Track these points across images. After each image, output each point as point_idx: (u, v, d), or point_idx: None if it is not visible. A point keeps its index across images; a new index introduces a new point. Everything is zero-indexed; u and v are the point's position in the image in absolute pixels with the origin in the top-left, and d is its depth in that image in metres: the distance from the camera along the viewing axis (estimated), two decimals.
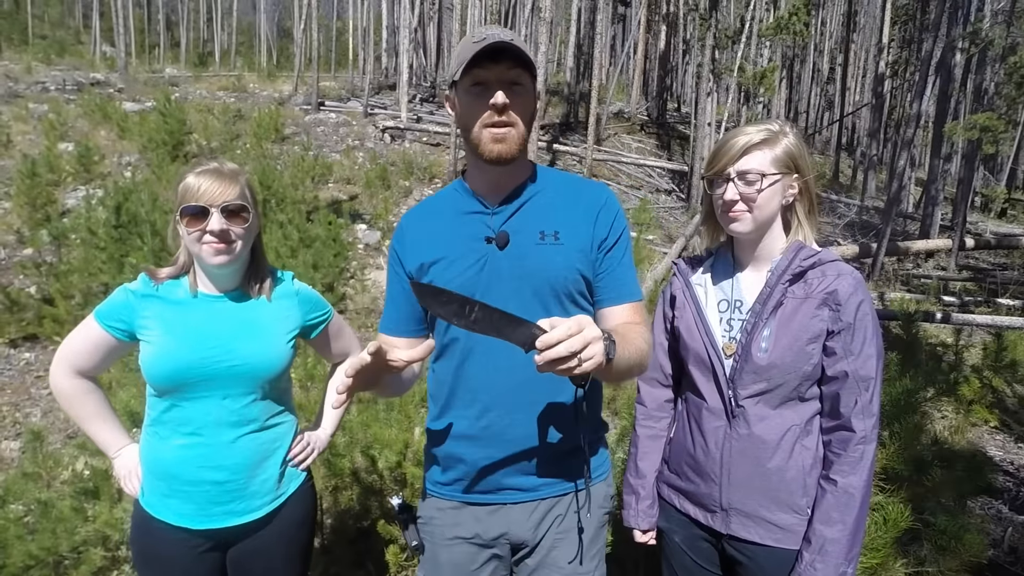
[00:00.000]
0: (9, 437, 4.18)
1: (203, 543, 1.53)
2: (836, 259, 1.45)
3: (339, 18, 37.95)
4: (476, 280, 1.32)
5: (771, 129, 1.45)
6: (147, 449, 1.55)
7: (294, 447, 1.64)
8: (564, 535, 1.41)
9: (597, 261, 1.36)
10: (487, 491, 1.39)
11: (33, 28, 32.91)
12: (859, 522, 1.38)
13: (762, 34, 14.14)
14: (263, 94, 17.33)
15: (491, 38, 1.23)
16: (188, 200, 1.45)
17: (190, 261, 1.55)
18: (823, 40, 27.85)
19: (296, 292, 1.66)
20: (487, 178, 1.37)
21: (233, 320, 1.53)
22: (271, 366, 1.54)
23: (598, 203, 1.38)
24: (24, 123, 11.50)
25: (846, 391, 1.39)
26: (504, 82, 1.26)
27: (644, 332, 1.34)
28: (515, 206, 1.37)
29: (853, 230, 13.92)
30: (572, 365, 1.00)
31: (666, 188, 14.58)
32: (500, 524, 1.39)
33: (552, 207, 1.38)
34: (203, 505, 1.51)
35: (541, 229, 1.34)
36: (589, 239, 1.35)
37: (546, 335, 0.99)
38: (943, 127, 12.29)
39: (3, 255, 6.92)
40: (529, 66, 1.27)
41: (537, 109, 1.38)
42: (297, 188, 8.82)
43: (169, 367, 1.46)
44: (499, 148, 1.28)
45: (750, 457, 1.44)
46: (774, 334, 1.41)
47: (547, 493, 1.39)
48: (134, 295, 1.52)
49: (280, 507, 1.60)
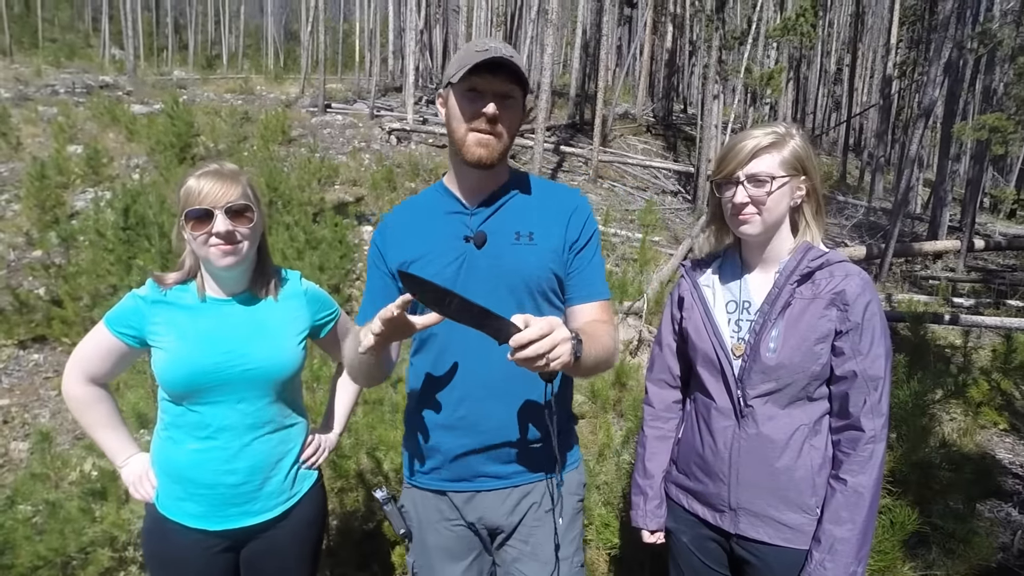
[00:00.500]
0: (18, 438, 4.21)
1: (218, 543, 1.54)
2: (844, 260, 1.45)
3: (346, 20, 38.12)
4: (455, 277, 1.40)
5: (778, 132, 1.46)
6: (161, 453, 1.56)
7: (306, 448, 1.66)
8: (540, 522, 1.47)
9: (568, 261, 1.45)
10: (463, 479, 1.46)
11: (43, 31, 33.19)
12: (869, 522, 1.38)
13: (769, 35, 14.10)
14: (270, 96, 17.42)
15: (494, 51, 1.30)
16: (191, 203, 1.45)
17: (196, 265, 1.55)
18: (831, 41, 27.73)
19: (304, 291, 1.66)
20: (468, 180, 1.45)
21: (244, 324, 1.54)
22: (284, 368, 1.55)
23: (570, 207, 1.48)
24: (34, 126, 11.60)
25: (855, 391, 1.39)
26: (498, 94, 1.34)
27: (611, 330, 1.42)
28: (493, 208, 1.45)
29: (861, 231, 13.84)
30: (541, 364, 1.11)
31: (672, 190, 14.55)
32: (476, 510, 1.47)
33: (527, 209, 1.46)
34: (219, 506, 1.52)
35: (517, 230, 1.42)
36: (561, 240, 1.44)
37: (518, 335, 1.09)
38: (952, 128, 12.22)
39: (13, 257, 6.97)
40: (523, 82, 1.36)
41: (523, 121, 1.46)
42: (303, 190, 8.85)
43: (184, 373, 1.47)
44: (481, 152, 1.36)
45: (759, 457, 1.44)
46: (782, 334, 1.42)
47: (520, 481, 1.46)
48: (144, 301, 1.52)
49: (293, 507, 1.61)
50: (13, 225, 7.73)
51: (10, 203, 8.45)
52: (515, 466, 1.46)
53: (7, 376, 4.96)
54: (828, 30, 26.69)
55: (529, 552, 1.46)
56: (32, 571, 2.24)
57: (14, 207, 8.29)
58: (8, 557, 2.21)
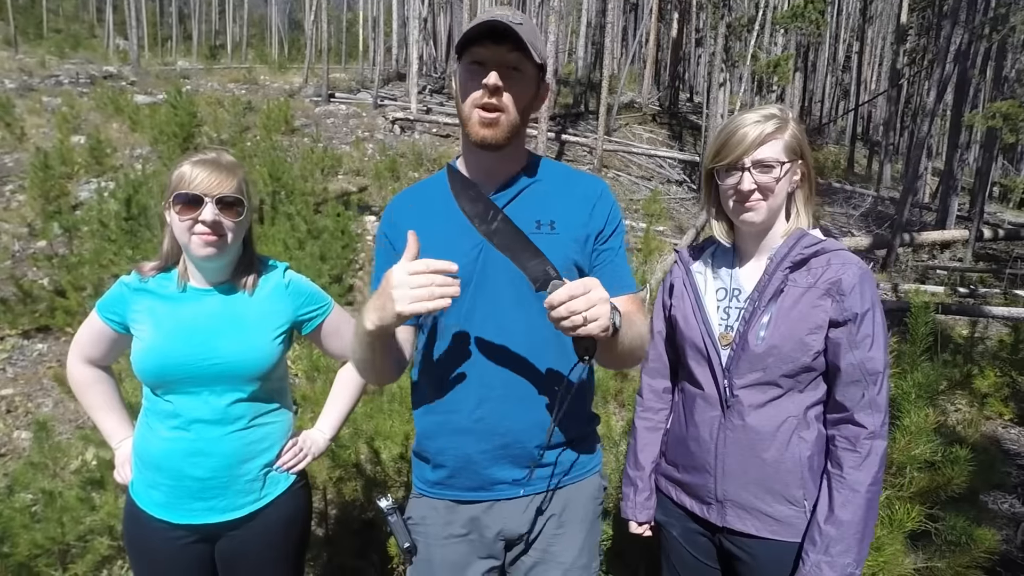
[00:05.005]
0: (21, 427, 4.24)
1: (186, 535, 1.52)
2: (841, 248, 1.41)
3: (350, 10, 37.90)
4: (472, 268, 1.29)
5: (777, 116, 1.41)
6: (139, 438, 1.56)
7: (285, 451, 1.60)
8: (561, 530, 1.38)
9: (594, 252, 1.35)
10: (480, 487, 1.36)
11: (48, 22, 33.21)
12: (867, 521, 1.33)
13: (776, 22, 13.92)
14: (274, 86, 17.35)
15: (497, 18, 1.19)
16: (182, 188, 1.42)
17: (175, 252, 1.53)
18: (839, 28, 27.38)
19: (287, 284, 1.60)
20: (480, 164, 1.35)
21: (219, 316, 1.51)
22: (255, 364, 1.50)
23: (594, 194, 1.37)
24: (38, 116, 11.60)
25: (852, 385, 1.35)
26: (502, 64, 1.22)
27: (645, 320, 1.33)
28: (510, 194, 1.34)
29: (868, 221, 13.72)
30: (577, 323, 1.02)
31: (677, 179, 14.44)
32: (495, 521, 1.37)
33: (548, 196, 1.35)
34: (183, 499, 1.50)
35: (537, 218, 1.31)
36: (585, 230, 1.34)
37: (558, 292, 1.03)
38: (962, 116, 12.06)
39: (17, 247, 6.99)
40: (532, 52, 1.22)
41: (538, 98, 1.33)
42: (307, 180, 8.83)
43: (153, 363, 1.46)
44: (485, 132, 1.25)
45: (745, 447, 1.41)
46: (773, 322, 1.38)
47: (540, 488, 1.37)
48: (128, 288, 1.53)
49: (263, 508, 1.56)
50: (18, 215, 7.75)
51: (15, 193, 8.47)
52: (537, 471, 1.35)
53: (11, 366, 4.98)
54: (836, 17, 26.35)
55: (547, 560, 1.38)
56: (30, 560, 2.25)
57: (19, 197, 8.31)
58: (6, 546, 2.22)
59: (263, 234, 6.30)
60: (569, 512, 1.39)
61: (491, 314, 1.30)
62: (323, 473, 2.71)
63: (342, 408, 1.74)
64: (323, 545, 2.71)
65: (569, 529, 1.39)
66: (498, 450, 1.32)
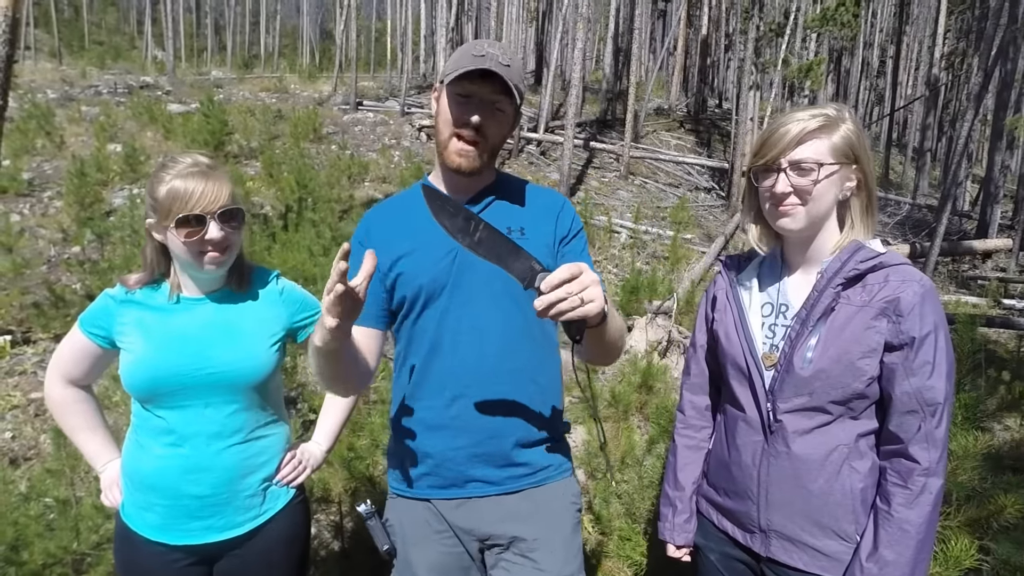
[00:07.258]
0: (48, 431, 4.29)
1: (182, 558, 1.46)
2: (903, 263, 1.27)
3: (379, 19, 38.47)
4: (448, 271, 1.36)
5: (828, 114, 1.29)
6: (128, 458, 1.50)
7: (284, 465, 1.56)
8: (539, 533, 1.37)
9: (559, 255, 1.44)
10: (454, 484, 1.39)
11: (90, 34, 34.38)
12: (916, 564, 1.21)
13: (807, 26, 13.64)
14: (303, 95, 17.62)
15: (490, 59, 1.29)
16: (181, 209, 1.36)
17: (163, 264, 1.48)
18: (873, 32, 26.80)
19: (280, 291, 1.56)
20: (451, 182, 1.43)
21: (213, 325, 1.46)
22: (253, 373, 1.45)
23: (556, 205, 1.48)
24: (77, 125, 11.94)
25: (908, 415, 1.22)
26: (486, 102, 1.32)
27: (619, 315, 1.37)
28: (482, 204, 1.44)
29: (904, 229, 13.32)
30: (574, 305, 1.03)
31: (705, 186, 14.21)
32: (468, 519, 1.39)
33: (514, 207, 1.46)
34: (180, 519, 1.44)
35: (508, 225, 1.38)
36: (552, 235, 1.43)
37: (550, 277, 1.03)
38: (1003, 120, 11.63)
39: (53, 253, 7.16)
40: (515, 95, 1.34)
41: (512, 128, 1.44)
42: (333, 187, 8.90)
43: (145, 376, 1.40)
44: (460, 161, 1.35)
45: (790, 477, 1.30)
46: (822, 343, 1.26)
47: (513, 487, 1.39)
48: (113, 300, 1.46)
49: (264, 525, 1.51)
50: (55, 221, 7.95)
51: (52, 200, 8.71)
52: (511, 470, 1.38)
53: (41, 369, 5.07)
54: (871, 20, 25.80)
55: (526, 565, 1.37)
56: (44, 568, 2.24)
57: (56, 204, 8.53)
58: (21, 554, 2.21)
59: (288, 241, 6.34)
60: (545, 513, 1.40)
61: (466, 315, 1.36)
62: (339, 485, 2.66)
63: (336, 419, 1.70)
64: (338, 560, 2.66)
65: (548, 533, 1.39)
66: (472, 447, 1.36)
